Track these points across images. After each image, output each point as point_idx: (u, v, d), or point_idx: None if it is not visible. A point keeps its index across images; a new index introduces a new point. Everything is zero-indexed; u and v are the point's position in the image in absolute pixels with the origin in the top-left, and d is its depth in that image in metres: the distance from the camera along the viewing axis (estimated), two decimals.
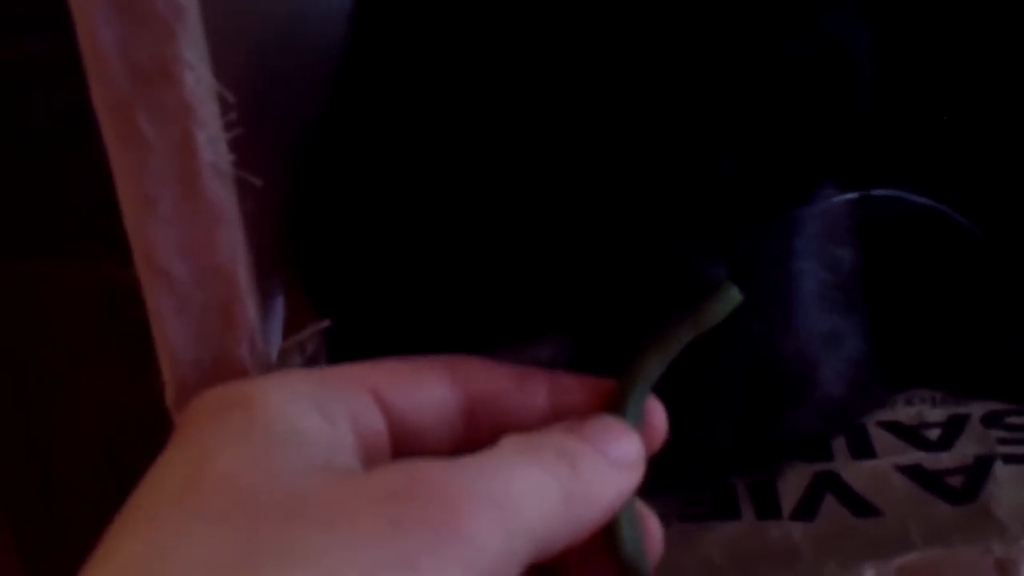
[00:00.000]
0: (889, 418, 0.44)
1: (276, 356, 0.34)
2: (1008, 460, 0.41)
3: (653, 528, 0.33)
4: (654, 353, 0.32)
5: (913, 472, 0.41)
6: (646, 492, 0.32)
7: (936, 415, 0.44)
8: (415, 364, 0.31)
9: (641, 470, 0.31)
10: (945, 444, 0.43)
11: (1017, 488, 0.40)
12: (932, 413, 0.45)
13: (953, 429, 0.44)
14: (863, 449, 0.43)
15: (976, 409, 0.44)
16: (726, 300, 0.32)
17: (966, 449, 0.42)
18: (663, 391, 0.33)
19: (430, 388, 0.31)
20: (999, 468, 0.41)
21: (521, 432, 0.29)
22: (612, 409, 0.32)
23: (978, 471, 0.41)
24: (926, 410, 0.45)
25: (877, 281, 0.42)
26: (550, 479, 0.28)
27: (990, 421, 0.44)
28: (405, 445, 0.30)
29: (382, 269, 0.36)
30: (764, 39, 0.33)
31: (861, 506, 0.40)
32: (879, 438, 0.43)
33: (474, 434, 0.31)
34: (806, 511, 0.40)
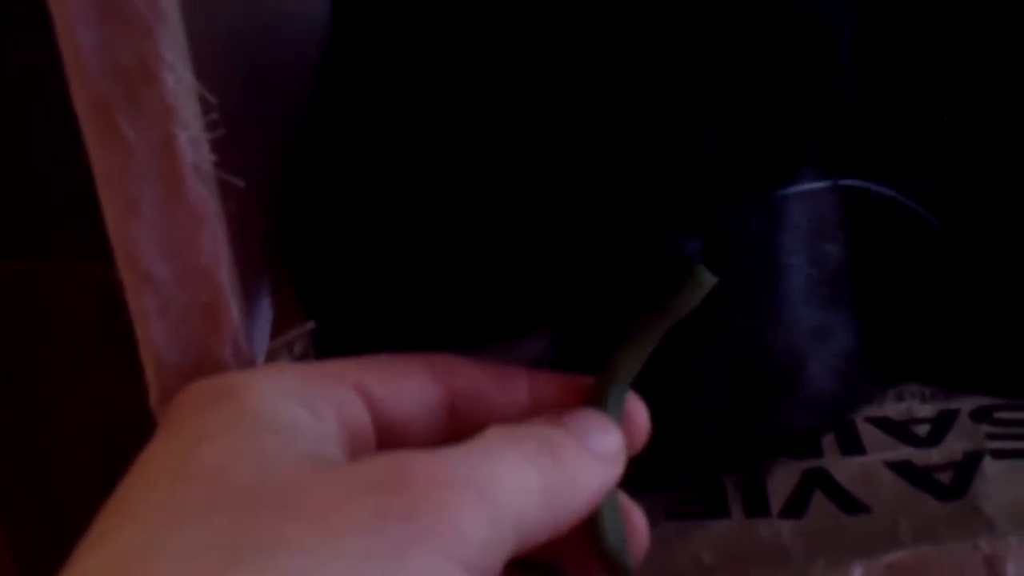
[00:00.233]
0: (878, 414, 0.44)
1: (264, 356, 0.34)
2: (997, 456, 0.41)
3: (638, 521, 0.33)
4: (631, 347, 0.32)
5: (902, 468, 0.41)
6: (635, 489, 0.32)
7: (925, 411, 0.44)
8: (398, 359, 0.31)
9: (622, 463, 0.31)
10: (934, 440, 0.43)
11: (1005, 484, 0.40)
12: (921, 409, 0.45)
13: (942, 425, 0.44)
14: (852, 445, 0.43)
15: (965, 404, 0.44)
16: (699, 284, 0.32)
17: (955, 445, 0.42)
18: (650, 385, 0.33)
19: (413, 382, 0.31)
20: (988, 464, 0.41)
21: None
22: (592, 404, 0.32)
23: (967, 467, 0.41)
24: (915, 406, 0.45)
25: (866, 276, 0.41)
26: (532, 469, 0.28)
27: (979, 416, 0.44)
28: (390, 438, 0.30)
29: (370, 268, 0.36)
30: (748, 13, 0.33)
31: (850, 503, 0.40)
32: (868, 434, 0.43)
33: (457, 428, 0.31)
34: (795, 508, 0.40)
